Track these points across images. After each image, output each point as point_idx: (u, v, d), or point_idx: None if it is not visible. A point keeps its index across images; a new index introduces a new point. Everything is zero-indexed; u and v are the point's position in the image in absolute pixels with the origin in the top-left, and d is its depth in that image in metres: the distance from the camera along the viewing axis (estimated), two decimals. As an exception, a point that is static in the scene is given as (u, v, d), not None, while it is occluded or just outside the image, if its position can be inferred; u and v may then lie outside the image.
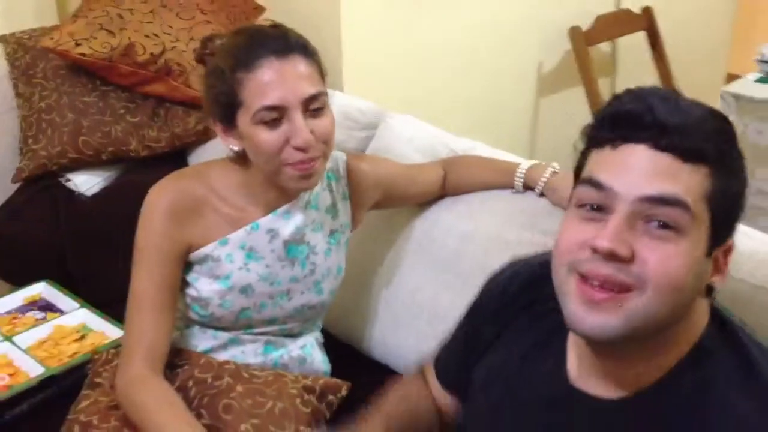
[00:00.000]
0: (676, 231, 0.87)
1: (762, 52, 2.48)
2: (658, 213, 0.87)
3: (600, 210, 0.90)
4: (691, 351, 0.93)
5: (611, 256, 0.87)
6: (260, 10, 2.32)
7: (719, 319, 0.97)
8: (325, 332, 1.72)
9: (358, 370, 1.67)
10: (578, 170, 0.96)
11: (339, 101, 1.89)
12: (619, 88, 3.14)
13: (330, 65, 2.26)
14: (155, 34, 2.05)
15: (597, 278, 0.88)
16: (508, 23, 2.71)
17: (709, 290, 0.95)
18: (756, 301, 1.24)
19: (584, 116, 2.76)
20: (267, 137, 1.32)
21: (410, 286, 1.67)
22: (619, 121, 0.90)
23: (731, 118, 2.34)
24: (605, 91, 3.13)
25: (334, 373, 1.59)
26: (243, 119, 1.33)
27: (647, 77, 3.09)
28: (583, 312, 0.89)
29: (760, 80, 2.42)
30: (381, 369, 1.73)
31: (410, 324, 1.67)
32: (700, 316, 0.95)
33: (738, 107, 2.38)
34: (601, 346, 0.93)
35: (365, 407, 1.55)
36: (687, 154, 0.87)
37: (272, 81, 1.30)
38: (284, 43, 1.33)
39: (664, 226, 0.87)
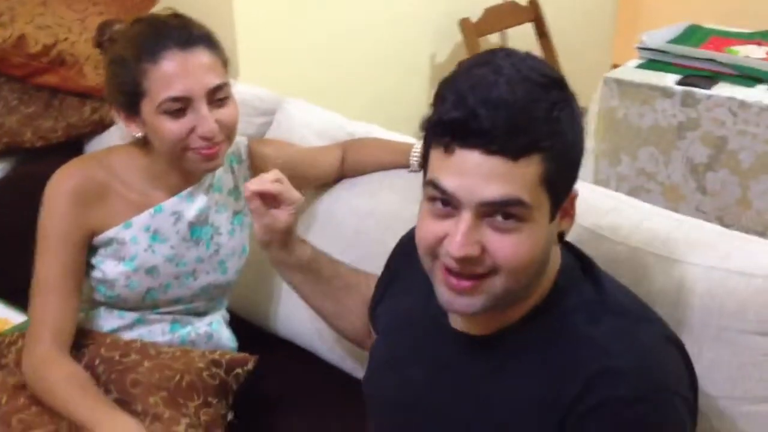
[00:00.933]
0: (518, 220, 0.96)
1: (642, 39, 2.63)
2: (499, 210, 0.96)
3: (448, 205, 0.98)
4: (547, 292, 1.06)
5: (464, 260, 0.97)
6: (153, 0, 2.34)
7: (574, 256, 1.12)
8: (231, 312, 1.78)
9: (264, 347, 1.73)
10: (424, 158, 1.03)
11: (236, 89, 1.94)
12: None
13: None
14: (47, 26, 2.05)
15: (456, 271, 0.99)
16: (402, 14, 2.81)
17: (561, 236, 1.06)
18: (634, 261, 1.38)
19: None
20: (171, 126, 1.37)
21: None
22: (447, 129, 0.95)
23: (614, 102, 2.51)
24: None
25: (242, 350, 1.65)
26: (147, 108, 1.38)
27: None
28: (451, 297, 1.02)
29: (640, 66, 2.56)
30: (287, 345, 1.81)
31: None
32: (554, 261, 1.07)
33: (620, 92, 2.51)
34: None
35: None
36: (516, 153, 0.93)
37: (176, 72, 1.35)
38: (187, 34, 1.38)
39: (507, 216, 0.96)
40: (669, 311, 1.30)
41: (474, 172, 0.94)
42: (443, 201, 0.98)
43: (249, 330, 1.80)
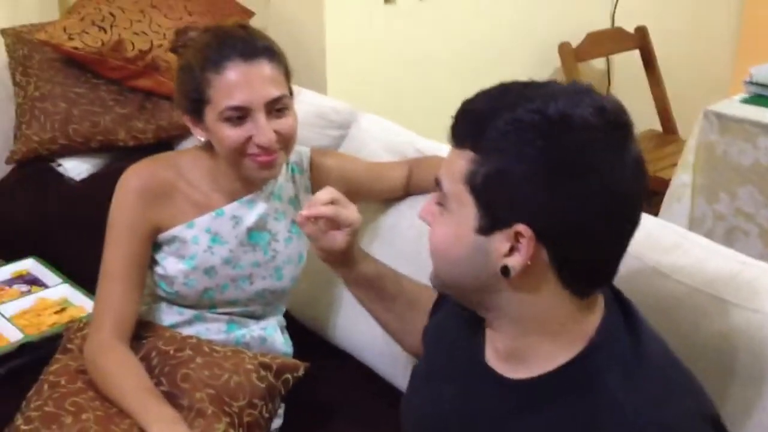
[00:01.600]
0: (440, 206, 1.03)
1: (752, 73, 2.53)
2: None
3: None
4: (586, 345, 1.01)
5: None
6: (248, 14, 2.41)
7: (621, 310, 1.05)
8: (292, 318, 1.81)
9: (321, 355, 1.76)
10: None
11: (315, 101, 1.99)
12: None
13: (314, 68, 2.38)
14: (144, 32, 2.16)
15: None
16: (499, 37, 2.79)
17: (505, 270, 0.98)
18: (693, 302, 1.32)
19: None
20: (231, 133, 1.42)
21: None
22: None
23: (713, 137, 2.42)
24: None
25: (298, 357, 1.68)
26: (209, 115, 1.43)
27: (641, 95, 3.18)
28: None
29: (745, 101, 2.44)
30: (343, 356, 1.83)
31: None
32: (595, 313, 1.03)
33: (720, 126, 2.41)
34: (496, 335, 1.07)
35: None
36: (454, 141, 1.00)
37: (238, 83, 1.40)
38: (251, 46, 1.43)
39: (437, 202, 1.04)
40: (724, 358, 1.26)
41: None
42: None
43: (308, 337, 1.83)
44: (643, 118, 3.23)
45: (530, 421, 1.01)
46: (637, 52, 3.17)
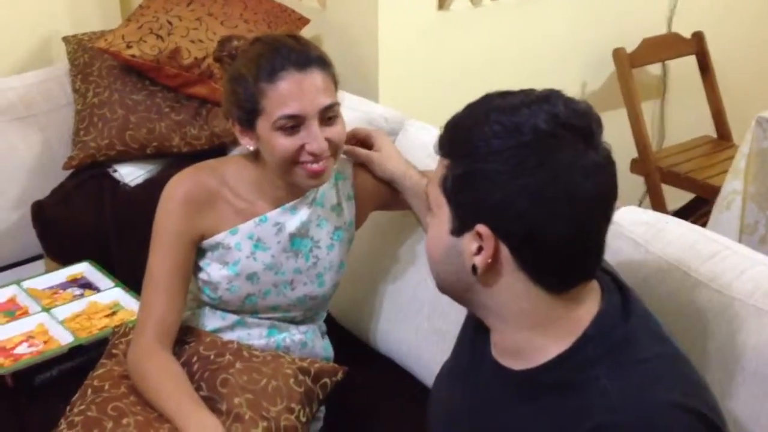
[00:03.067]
0: (430, 211, 1.11)
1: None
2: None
3: None
4: (579, 337, 1.06)
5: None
6: (304, 21, 2.45)
7: (621, 298, 1.10)
8: (335, 323, 1.84)
9: (362, 360, 1.79)
10: None
11: (366, 107, 2.02)
12: (668, 111, 3.20)
13: (367, 75, 2.40)
14: (200, 40, 2.21)
15: None
16: (552, 42, 2.77)
17: (474, 269, 1.07)
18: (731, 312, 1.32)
19: (627, 138, 2.84)
20: (285, 142, 1.45)
21: (413, 281, 1.78)
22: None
23: (766, 144, 2.38)
24: (654, 113, 3.19)
25: (339, 361, 1.70)
26: (263, 125, 1.46)
27: (697, 101, 3.14)
28: None
29: None
30: (385, 361, 1.85)
31: (412, 319, 1.78)
32: (585, 303, 1.07)
33: (773, 134, 2.39)
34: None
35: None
36: (437, 150, 1.09)
37: (292, 92, 1.43)
38: (305, 56, 1.45)
39: (429, 208, 1.12)
40: (763, 368, 1.24)
41: None
42: None
43: (350, 342, 1.86)
44: (699, 124, 3.18)
45: (525, 409, 1.07)
46: (693, 58, 3.12)
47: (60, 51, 2.47)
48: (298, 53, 1.46)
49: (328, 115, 1.47)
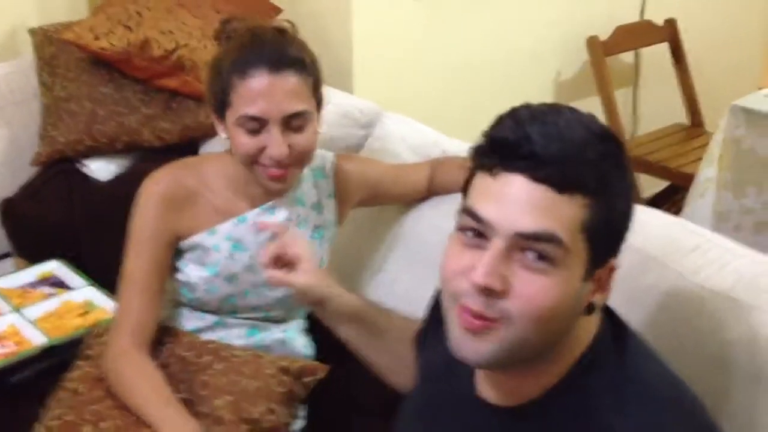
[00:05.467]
0: (551, 263, 0.91)
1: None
2: (533, 246, 0.91)
3: (480, 236, 0.94)
4: (573, 366, 0.99)
5: (486, 290, 0.92)
6: (276, 10, 2.41)
7: (612, 330, 1.03)
8: (316, 321, 1.81)
9: (343, 357, 1.77)
10: (465, 187, 1.00)
11: (340, 100, 1.99)
12: (641, 98, 3.22)
13: (340, 67, 2.38)
14: (170, 31, 2.17)
15: (472, 311, 0.94)
16: (526, 31, 2.77)
17: (590, 308, 0.98)
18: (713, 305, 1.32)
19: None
20: (245, 141, 1.42)
21: (390, 278, 1.77)
22: (497, 149, 0.93)
23: (740, 132, 2.39)
24: (627, 101, 3.20)
25: (320, 358, 1.68)
26: (229, 117, 1.43)
27: (669, 88, 3.16)
28: (462, 339, 0.96)
29: None
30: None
31: (391, 315, 1.77)
32: (586, 332, 1.00)
33: (747, 121, 2.39)
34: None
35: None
36: (562, 186, 0.90)
37: (260, 93, 1.39)
38: (280, 55, 1.40)
39: (540, 257, 0.91)
40: (744, 364, 1.24)
41: (514, 199, 0.91)
42: (475, 232, 0.95)
43: (331, 339, 1.83)
44: (671, 112, 3.20)
45: None
46: (666, 46, 3.14)
47: (26, 43, 2.40)
48: (273, 52, 1.40)
49: (296, 123, 1.42)
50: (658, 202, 3.02)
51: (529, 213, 0.91)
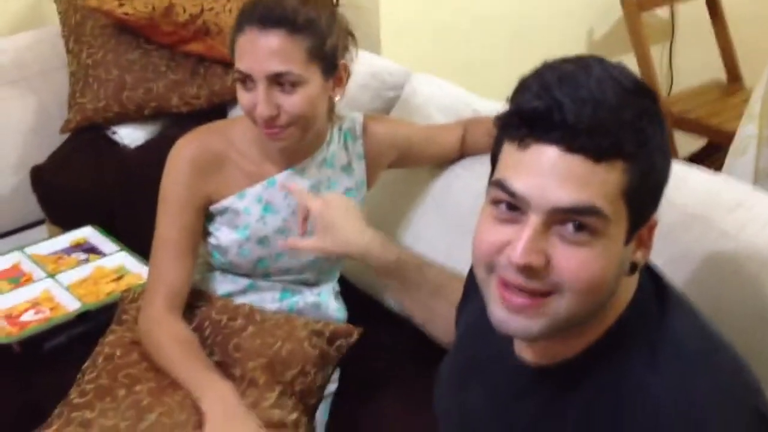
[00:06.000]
0: (592, 233, 0.87)
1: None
2: (573, 218, 0.87)
3: (514, 209, 0.90)
4: (612, 325, 0.96)
5: (526, 268, 0.88)
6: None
7: (653, 288, 0.99)
8: (348, 283, 1.80)
9: (377, 321, 1.75)
10: (494, 156, 0.95)
11: (369, 62, 1.95)
12: (677, 54, 3.10)
13: (368, 29, 2.34)
14: (194, -5, 2.14)
15: (514, 285, 0.90)
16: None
17: (633, 267, 0.95)
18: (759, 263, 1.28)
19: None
20: (242, 96, 1.41)
21: (425, 242, 1.74)
22: (526, 120, 0.88)
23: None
24: (662, 57, 3.12)
25: (353, 321, 1.66)
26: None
27: (706, 44, 3.07)
28: (506, 316, 0.92)
29: None
30: (400, 321, 1.81)
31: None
32: (626, 291, 0.97)
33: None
34: None
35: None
36: (599, 154, 0.85)
37: (246, 49, 1.37)
38: (269, 14, 1.36)
39: (580, 228, 0.87)
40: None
41: (549, 172, 0.86)
42: (509, 205, 0.90)
43: (364, 302, 1.82)
44: (708, 68, 3.11)
45: (560, 407, 0.97)
46: (702, 0, 3.05)
47: (51, 11, 2.39)
48: (266, 9, 1.37)
49: (281, 82, 1.38)
50: (697, 160, 2.96)
51: (565, 185, 0.86)
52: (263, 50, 1.36)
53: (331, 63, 1.42)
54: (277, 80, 1.37)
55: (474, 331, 1.14)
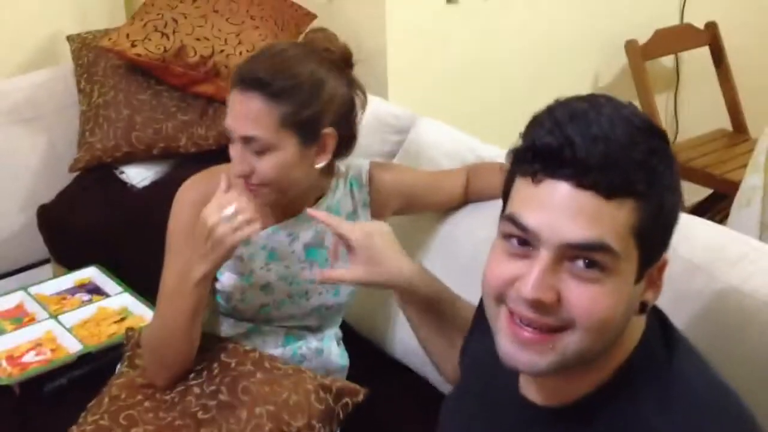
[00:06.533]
0: (602, 270, 0.88)
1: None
2: (583, 255, 0.87)
3: (525, 244, 0.90)
4: (620, 367, 0.95)
5: (537, 303, 0.88)
6: (311, 17, 2.40)
7: (661, 331, 0.99)
8: (350, 329, 1.80)
9: (378, 367, 1.75)
10: (506, 191, 0.96)
11: (374, 106, 1.96)
12: (682, 103, 3.12)
13: (375, 73, 2.36)
14: (206, 38, 2.17)
15: (524, 320, 0.90)
16: (564, 34, 2.73)
17: (643, 307, 0.95)
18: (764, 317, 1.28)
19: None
20: (230, 149, 1.42)
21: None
22: (539, 155, 0.89)
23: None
24: (667, 105, 3.14)
25: (354, 368, 1.67)
26: None
27: (711, 93, 3.09)
28: (514, 350, 0.92)
29: None
30: (402, 369, 1.80)
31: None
32: (635, 331, 0.96)
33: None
34: None
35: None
36: (610, 191, 0.86)
37: (230, 107, 1.40)
38: (249, 76, 1.38)
39: (590, 264, 0.87)
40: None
41: (560, 207, 0.87)
42: (520, 239, 0.90)
43: (366, 348, 1.81)
44: (713, 117, 3.13)
45: None
46: (706, 49, 3.07)
47: (65, 50, 2.43)
48: (248, 71, 1.39)
49: (252, 147, 1.38)
50: (702, 209, 2.95)
51: (576, 222, 0.86)
52: (240, 112, 1.38)
53: (311, 131, 1.41)
54: (247, 142, 1.38)
55: (480, 367, 1.14)
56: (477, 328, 1.21)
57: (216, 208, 1.35)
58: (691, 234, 1.41)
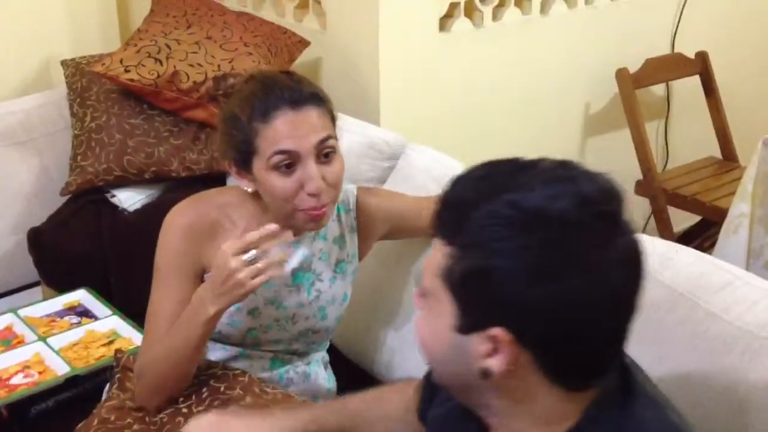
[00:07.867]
0: (423, 297, 0.96)
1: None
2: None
3: None
4: (577, 422, 0.94)
5: None
6: (304, 44, 2.42)
7: (619, 381, 0.97)
8: (337, 352, 1.80)
9: (365, 389, 1.75)
10: None
11: (366, 132, 1.99)
12: (672, 131, 3.12)
13: (367, 99, 2.38)
14: (199, 64, 2.18)
15: None
16: (556, 63, 2.75)
17: (485, 374, 0.91)
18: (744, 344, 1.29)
19: (631, 159, 2.82)
20: (281, 183, 1.40)
21: (416, 311, 1.75)
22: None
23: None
24: (658, 133, 3.17)
25: (342, 391, 1.66)
26: (258, 165, 1.42)
27: (701, 121, 3.12)
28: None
29: None
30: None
31: (415, 349, 1.74)
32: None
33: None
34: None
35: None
36: (435, 231, 0.94)
37: (287, 131, 1.39)
38: (299, 94, 1.41)
39: (421, 294, 0.97)
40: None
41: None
42: None
43: (352, 371, 1.82)
44: (703, 145, 3.15)
45: None
46: (697, 78, 3.10)
47: (59, 74, 2.45)
48: (291, 91, 1.41)
49: (325, 151, 1.42)
50: (691, 236, 2.97)
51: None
52: (305, 126, 1.40)
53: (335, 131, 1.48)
54: (320, 151, 1.41)
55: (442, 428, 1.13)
56: (429, 399, 1.19)
57: (237, 249, 1.33)
58: (674, 261, 1.42)
